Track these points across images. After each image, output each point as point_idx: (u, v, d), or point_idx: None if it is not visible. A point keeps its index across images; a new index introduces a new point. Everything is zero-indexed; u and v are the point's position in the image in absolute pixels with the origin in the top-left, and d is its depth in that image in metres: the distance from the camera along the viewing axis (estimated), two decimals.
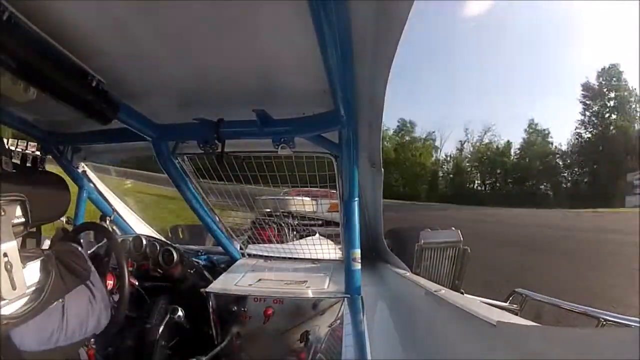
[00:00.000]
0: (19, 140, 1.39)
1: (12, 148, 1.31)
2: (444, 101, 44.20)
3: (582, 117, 30.13)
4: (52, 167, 1.35)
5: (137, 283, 1.51)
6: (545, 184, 30.94)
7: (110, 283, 1.22)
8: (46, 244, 1.08)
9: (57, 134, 1.44)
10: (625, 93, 28.74)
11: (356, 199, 1.36)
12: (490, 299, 1.73)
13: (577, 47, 43.01)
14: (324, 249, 1.98)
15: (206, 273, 1.73)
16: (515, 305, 1.76)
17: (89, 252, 1.23)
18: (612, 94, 29.10)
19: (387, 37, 0.77)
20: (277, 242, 2.15)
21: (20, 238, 0.83)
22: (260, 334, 1.43)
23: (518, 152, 32.37)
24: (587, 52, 42.07)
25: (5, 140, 0.98)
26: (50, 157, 1.52)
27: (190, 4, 0.68)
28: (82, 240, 1.21)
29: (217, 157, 1.18)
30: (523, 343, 0.83)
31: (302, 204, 2.03)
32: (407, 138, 35.35)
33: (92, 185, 1.81)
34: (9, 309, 0.70)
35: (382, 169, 1.58)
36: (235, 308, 1.43)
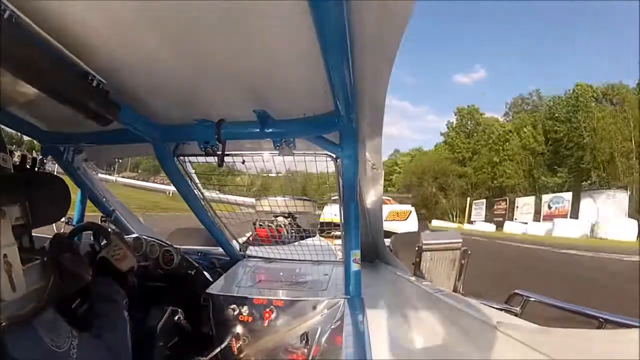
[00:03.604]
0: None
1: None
2: None
3: None
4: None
5: (136, 284, 1.51)
6: None
7: None
8: (46, 245, 1.08)
9: (57, 134, 1.44)
10: None
11: (356, 199, 1.36)
12: None
13: None
14: (324, 250, 1.98)
15: (206, 274, 1.72)
16: (516, 307, 1.75)
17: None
18: None
19: (389, 37, 0.76)
20: (278, 243, 2.15)
21: (20, 239, 0.83)
22: (261, 335, 1.43)
23: None
24: None
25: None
26: (50, 157, 1.52)
27: (191, 4, 0.68)
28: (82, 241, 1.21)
29: (218, 158, 1.18)
30: (523, 344, 0.83)
31: (303, 205, 2.03)
32: None
33: (92, 185, 1.80)
34: (8, 310, 0.70)
35: (382, 169, 1.58)
36: (236, 309, 1.43)
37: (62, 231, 1.70)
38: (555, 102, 32.33)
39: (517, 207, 29.49)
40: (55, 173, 1.08)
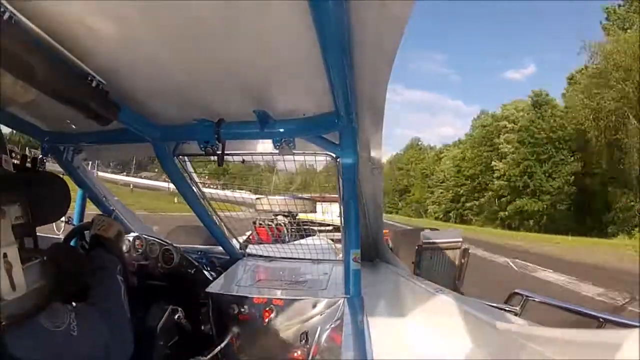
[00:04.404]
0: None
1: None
2: None
3: None
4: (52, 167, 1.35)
5: (136, 283, 1.51)
6: None
7: None
8: (46, 244, 1.08)
9: (57, 134, 1.44)
10: None
11: (356, 199, 1.36)
12: None
13: None
14: (324, 249, 1.98)
15: (206, 273, 1.72)
16: (516, 307, 1.75)
17: None
18: None
19: (389, 37, 0.76)
20: (278, 242, 2.15)
21: (20, 239, 0.83)
22: (260, 334, 1.43)
23: None
24: None
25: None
26: (50, 157, 1.52)
27: (191, 4, 0.68)
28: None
29: (218, 158, 1.18)
30: (523, 344, 0.83)
31: (302, 204, 2.03)
32: None
33: (92, 185, 1.80)
34: (8, 309, 0.70)
35: (382, 169, 1.58)
36: (235, 308, 1.44)
37: (62, 230, 1.71)
38: None
39: None
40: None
